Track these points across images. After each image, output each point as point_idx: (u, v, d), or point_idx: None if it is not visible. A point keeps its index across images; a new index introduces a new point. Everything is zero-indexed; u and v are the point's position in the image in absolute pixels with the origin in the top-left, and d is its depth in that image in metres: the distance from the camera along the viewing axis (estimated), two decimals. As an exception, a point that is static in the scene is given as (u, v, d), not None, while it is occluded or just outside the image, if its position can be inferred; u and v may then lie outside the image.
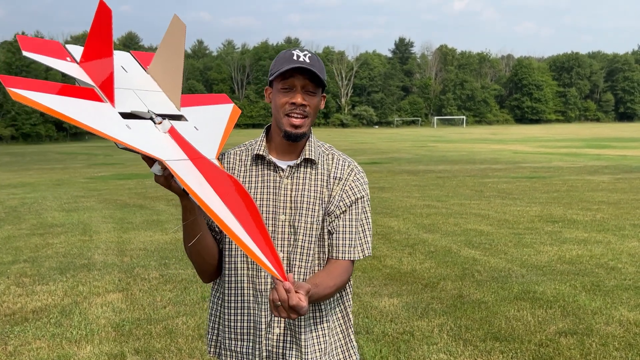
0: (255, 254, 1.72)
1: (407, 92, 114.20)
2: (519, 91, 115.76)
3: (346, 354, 2.21)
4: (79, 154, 38.02)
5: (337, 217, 2.11)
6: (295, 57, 2.00)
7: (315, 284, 1.97)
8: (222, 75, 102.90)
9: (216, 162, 1.92)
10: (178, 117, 2.02)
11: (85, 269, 7.78)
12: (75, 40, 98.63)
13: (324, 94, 2.12)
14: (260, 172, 2.11)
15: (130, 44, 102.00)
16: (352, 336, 2.24)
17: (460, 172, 21.14)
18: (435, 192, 15.34)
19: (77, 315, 5.95)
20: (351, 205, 2.12)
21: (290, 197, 2.07)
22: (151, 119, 1.93)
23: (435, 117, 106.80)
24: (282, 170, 2.09)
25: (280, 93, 2.03)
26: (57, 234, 10.35)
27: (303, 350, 2.08)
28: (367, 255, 2.17)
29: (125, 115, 1.89)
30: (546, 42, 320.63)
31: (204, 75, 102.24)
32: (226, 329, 2.16)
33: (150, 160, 1.81)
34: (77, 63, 2.08)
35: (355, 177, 2.15)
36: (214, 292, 2.25)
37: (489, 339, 5.24)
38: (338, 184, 2.12)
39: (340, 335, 2.21)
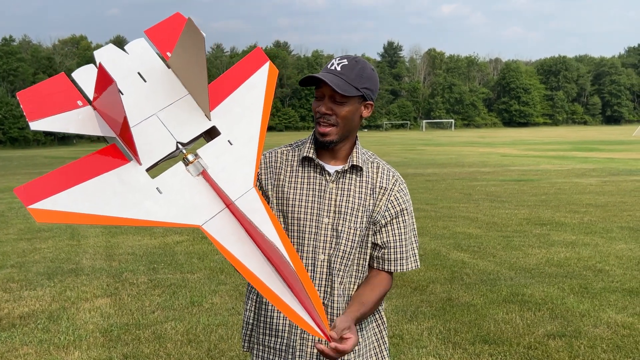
0: (297, 314, 1.78)
1: (396, 96, 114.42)
2: (507, 94, 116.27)
3: (379, 355, 2.26)
4: (67, 158, 37.80)
5: (384, 228, 2.17)
6: (329, 65, 2.05)
7: (362, 302, 2.06)
8: (212, 79, 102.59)
9: (254, 193, 1.88)
10: (210, 133, 1.95)
11: (73, 274, 7.73)
12: (64, 44, 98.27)
13: (370, 102, 2.10)
14: (306, 174, 2.13)
15: (118, 47, 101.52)
16: (385, 338, 2.29)
17: (449, 175, 21.21)
18: (424, 195, 15.39)
19: (65, 320, 5.92)
20: (397, 217, 2.18)
21: (335, 201, 2.11)
22: (182, 155, 1.87)
23: (424, 121, 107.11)
24: (329, 174, 2.12)
25: (314, 101, 2.09)
26: (45, 238, 10.29)
27: None
28: (416, 267, 2.25)
29: (154, 165, 1.84)
30: (533, 45, 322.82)
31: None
32: (262, 324, 2.18)
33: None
34: (91, 102, 1.92)
35: (399, 188, 2.20)
36: (250, 287, 2.25)
37: (478, 341, 5.25)
38: (384, 194, 2.16)
39: (374, 338, 2.26)
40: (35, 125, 1.81)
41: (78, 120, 1.86)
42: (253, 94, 2.05)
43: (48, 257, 8.80)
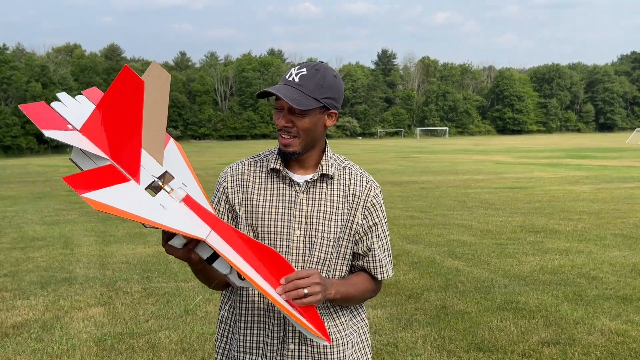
0: (293, 314, 1.80)
1: (390, 104, 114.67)
2: (501, 102, 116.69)
3: (361, 353, 2.21)
4: (61, 166, 37.67)
5: (365, 237, 2.12)
6: (287, 76, 2.00)
7: (353, 283, 2.04)
8: (205, 87, 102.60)
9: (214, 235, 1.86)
10: (163, 176, 1.91)
11: (66, 283, 7.70)
12: (57, 52, 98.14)
13: (333, 111, 2.04)
14: (275, 186, 2.08)
15: (112, 55, 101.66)
16: (369, 355, 2.25)
17: (443, 183, 21.24)
18: (419, 203, 15.39)
19: (58, 330, 5.89)
20: (375, 224, 2.14)
21: (306, 212, 2.05)
22: (159, 187, 1.84)
23: (418, 128, 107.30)
24: (299, 185, 2.07)
25: (275, 111, 2.03)
26: (38, 247, 10.24)
27: None
28: (389, 276, 2.18)
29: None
30: (527, 53, 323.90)
31: (186, 87, 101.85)
32: (235, 342, 2.13)
33: (167, 233, 1.82)
34: (78, 130, 1.86)
35: (375, 194, 2.16)
36: (224, 299, 2.22)
37: (473, 349, 5.25)
38: (359, 202, 2.12)
39: (361, 353, 2.21)
40: (49, 134, 1.78)
41: (79, 138, 1.82)
42: (171, 148, 1.97)
43: (41, 266, 8.76)
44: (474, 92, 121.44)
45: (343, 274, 2.12)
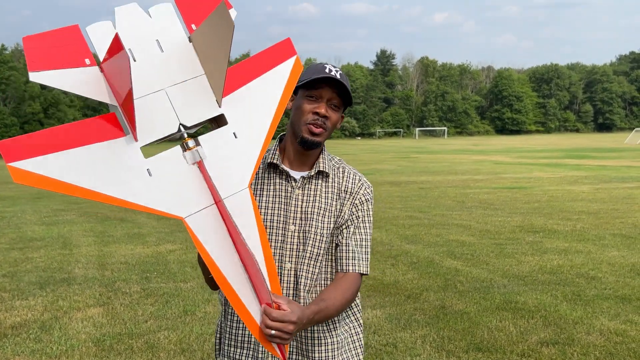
0: (259, 328, 1.76)
1: (389, 104, 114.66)
2: (500, 102, 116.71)
3: (353, 352, 2.21)
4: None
5: (347, 230, 2.12)
6: (327, 70, 2.03)
7: (322, 298, 1.98)
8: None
9: (246, 194, 1.81)
10: (217, 121, 1.85)
11: (65, 283, 7.69)
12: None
13: (343, 114, 2.15)
14: (272, 181, 2.11)
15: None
16: (360, 356, 2.25)
17: (442, 183, 21.24)
18: (418, 203, 15.40)
19: (57, 330, 5.88)
20: (357, 219, 2.14)
21: (301, 207, 2.09)
22: (181, 139, 1.78)
23: (417, 129, 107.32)
24: (295, 180, 2.10)
25: (306, 101, 2.04)
26: (37, 248, 10.24)
27: None
28: (362, 271, 2.13)
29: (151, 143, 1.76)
30: (526, 53, 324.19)
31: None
32: (227, 335, 2.16)
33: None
34: (100, 63, 1.77)
35: (365, 192, 2.17)
36: (221, 297, 2.24)
37: (472, 349, 5.25)
38: (349, 198, 2.14)
39: (352, 353, 2.22)
40: (35, 77, 1.68)
41: (81, 80, 1.73)
42: (272, 87, 1.92)
43: (40, 266, 8.75)
44: (472, 92, 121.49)
45: (334, 270, 2.14)
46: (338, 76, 2.02)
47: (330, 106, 2.04)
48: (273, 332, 1.74)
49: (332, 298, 2.00)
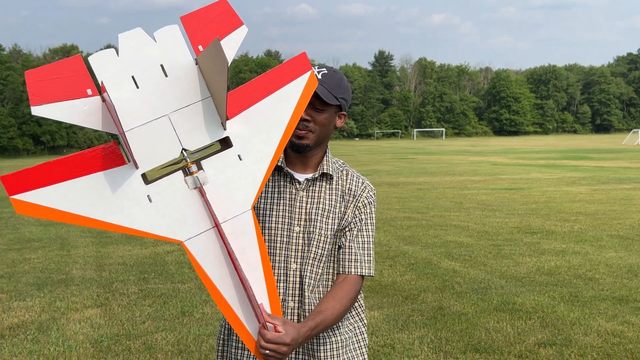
0: (246, 333, 1.85)
1: (387, 105, 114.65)
2: (498, 103, 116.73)
3: (357, 352, 2.23)
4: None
5: (350, 232, 2.14)
6: None
7: (319, 310, 2.01)
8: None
9: (249, 216, 1.85)
10: (224, 141, 1.86)
11: (63, 284, 7.69)
12: (54, 54, 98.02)
13: (343, 112, 2.14)
14: (276, 183, 2.14)
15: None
16: (365, 355, 2.26)
17: (440, 184, 21.26)
18: (416, 204, 15.41)
19: (54, 331, 5.88)
20: (360, 222, 2.17)
21: (306, 209, 2.11)
22: (184, 165, 1.80)
23: (415, 130, 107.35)
24: (299, 182, 2.13)
25: None
26: (35, 248, 10.23)
27: None
28: (365, 273, 2.15)
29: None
30: (523, 54, 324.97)
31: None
32: (232, 336, 2.20)
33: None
34: (101, 93, 1.78)
35: (368, 194, 2.20)
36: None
37: (469, 350, 5.25)
38: (352, 200, 2.17)
39: (357, 352, 2.23)
40: (37, 110, 1.70)
41: (83, 111, 1.74)
42: (282, 106, 1.90)
43: (38, 267, 8.75)
44: (470, 94, 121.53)
45: (337, 271, 2.16)
46: (320, 77, 2.04)
47: (313, 109, 2.04)
48: (267, 352, 1.83)
49: (330, 308, 2.03)
